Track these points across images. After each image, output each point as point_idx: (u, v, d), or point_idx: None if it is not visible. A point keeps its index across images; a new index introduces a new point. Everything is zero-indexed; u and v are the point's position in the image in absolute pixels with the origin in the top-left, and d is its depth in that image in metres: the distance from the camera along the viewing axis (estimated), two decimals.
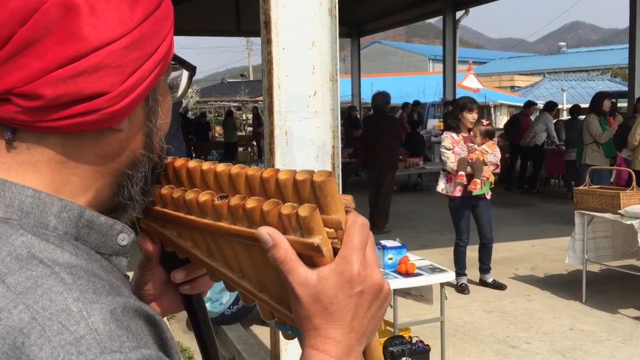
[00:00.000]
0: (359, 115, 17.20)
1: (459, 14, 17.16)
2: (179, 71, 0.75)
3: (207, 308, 0.88)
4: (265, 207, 0.65)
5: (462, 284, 6.42)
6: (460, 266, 6.45)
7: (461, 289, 6.38)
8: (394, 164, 9.54)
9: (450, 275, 4.49)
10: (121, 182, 0.68)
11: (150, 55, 0.64)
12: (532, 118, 13.69)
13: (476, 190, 6.05)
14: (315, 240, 0.63)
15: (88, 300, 0.54)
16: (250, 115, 19.66)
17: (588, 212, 5.87)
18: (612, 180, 9.48)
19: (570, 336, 5.27)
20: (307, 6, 2.85)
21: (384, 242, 4.54)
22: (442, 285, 4.43)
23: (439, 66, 26.10)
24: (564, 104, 23.02)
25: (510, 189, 13.40)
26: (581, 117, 11.13)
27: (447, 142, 6.25)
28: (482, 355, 4.91)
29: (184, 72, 0.76)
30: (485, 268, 6.60)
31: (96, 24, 0.58)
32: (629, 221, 5.46)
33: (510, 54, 58.62)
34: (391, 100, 9.44)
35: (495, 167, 6.27)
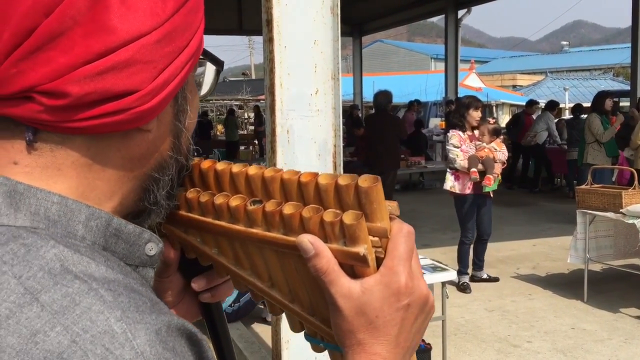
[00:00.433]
0: (360, 114, 17.19)
1: (461, 12, 17.14)
2: (203, 67, 0.70)
3: None
4: (306, 214, 0.61)
5: (464, 282, 6.42)
6: (464, 264, 6.46)
7: (463, 288, 6.39)
8: (396, 163, 9.54)
9: (451, 274, 4.49)
10: (147, 186, 0.63)
11: (182, 50, 0.59)
12: (534, 117, 13.69)
13: (490, 185, 6.12)
14: (361, 249, 0.59)
15: (131, 319, 0.49)
16: (252, 114, 19.65)
17: (590, 211, 5.87)
18: (614, 179, 9.47)
19: (571, 335, 5.27)
20: (309, 5, 2.85)
21: None
22: (444, 284, 4.43)
23: (440, 65, 26.11)
24: (566, 103, 23.00)
25: (512, 188, 13.39)
26: (583, 117, 11.12)
27: (455, 140, 6.27)
28: (484, 354, 4.91)
29: (209, 67, 0.70)
30: (480, 265, 6.64)
31: (126, 15, 0.54)
32: (630, 220, 5.46)
33: (512, 53, 58.62)
34: (393, 99, 9.44)
35: (503, 165, 6.35)
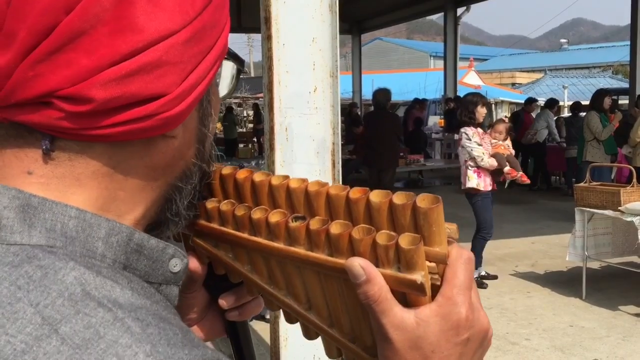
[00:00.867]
0: (359, 112, 17.19)
1: (460, 10, 17.15)
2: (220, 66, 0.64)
3: None
4: (356, 235, 0.56)
5: (483, 276, 6.54)
6: (480, 261, 6.53)
7: (480, 283, 6.47)
8: (395, 161, 9.55)
9: None
10: (170, 196, 0.59)
11: (210, 50, 0.54)
12: (534, 115, 13.69)
13: (528, 181, 6.36)
14: (418, 277, 0.53)
15: (162, 355, 0.44)
16: (251, 112, 19.65)
17: (588, 209, 5.88)
18: (613, 177, 9.48)
19: (570, 333, 5.28)
20: (308, 2, 2.84)
21: None
22: None
23: (440, 63, 26.12)
24: (565, 101, 23.02)
25: (511, 186, 13.39)
26: (582, 114, 11.13)
27: (477, 138, 6.29)
28: None
29: (226, 66, 0.65)
30: (480, 261, 6.70)
31: (154, 12, 0.49)
32: (629, 218, 5.46)
33: (511, 51, 58.66)
34: (392, 97, 9.45)
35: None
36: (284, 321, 0.72)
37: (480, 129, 6.39)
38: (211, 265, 0.71)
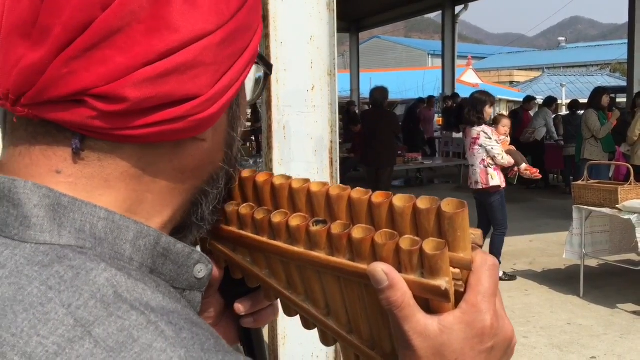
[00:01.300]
0: (357, 111, 17.18)
1: (458, 8, 17.16)
2: None
3: None
4: (379, 239, 0.55)
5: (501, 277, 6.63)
6: (499, 259, 6.61)
7: (512, 276, 6.65)
8: (392, 159, 9.55)
9: None
10: (197, 200, 0.57)
11: (243, 52, 0.53)
12: (532, 113, 13.70)
13: (540, 176, 6.63)
14: (442, 283, 0.52)
15: None
16: (248, 110, 19.65)
17: (586, 207, 5.88)
18: (611, 175, 9.49)
19: (567, 330, 5.29)
20: (306, 1, 2.84)
21: None
22: None
23: (438, 61, 26.10)
24: (563, 99, 23.03)
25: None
26: (580, 113, 11.14)
27: (496, 137, 6.33)
28: None
29: (255, 69, 0.63)
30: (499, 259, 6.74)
31: (190, 12, 0.48)
32: (626, 216, 5.47)
33: (509, 49, 58.70)
34: (390, 96, 9.46)
35: None
36: (282, 320, 0.71)
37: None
38: (227, 270, 0.70)
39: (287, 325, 2.89)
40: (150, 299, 0.46)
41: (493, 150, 6.21)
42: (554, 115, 13.82)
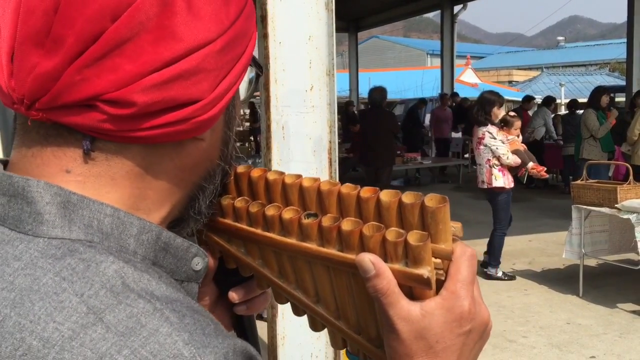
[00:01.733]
0: (356, 111, 17.19)
1: (456, 8, 17.15)
2: None
3: None
4: (366, 231, 0.59)
5: (504, 273, 6.70)
6: (499, 257, 6.65)
7: (510, 277, 6.65)
8: (391, 159, 9.55)
9: None
10: (195, 195, 0.62)
11: (239, 57, 0.58)
12: (531, 113, 13.70)
13: (547, 175, 6.73)
14: (425, 272, 0.56)
15: (199, 343, 0.47)
16: (247, 111, 19.66)
17: (585, 207, 5.88)
18: (611, 174, 9.49)
19: (567, 330, 5.29)
20: (304, 1, 2.84)
21: None
22: None
23: (437, 61, 26.13)
24: (562, 98, 23.03)
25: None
26: (579, 112, 11.14)
27: (503, 137, 6.37)
28: None
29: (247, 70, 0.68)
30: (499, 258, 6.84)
31: (193, 22, 0.52)
32: (625, 215, 5.47)
33: (508, 49, 58.73)
34: (389, 95, 9.45)
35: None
36: (282, 320, 0.73)
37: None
38: (221, 261, 0.73)
39: (287, 326, 2.89)
40: (154, 289, 0.50)
41: (498, 150, 6.26)
42: (553, 115, 13.83)
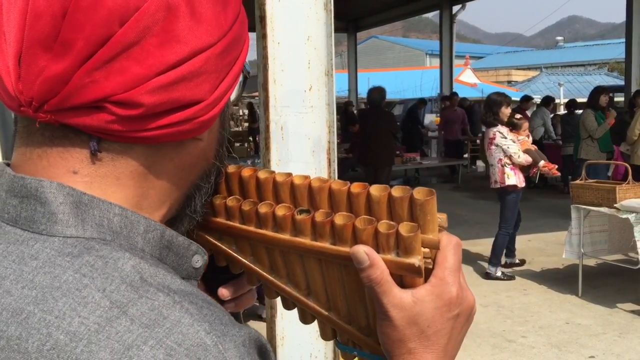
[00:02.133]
0: (355, 111, 17.19)
1: (455, 8, 17.14)
2: None
3: None
4: (359, 225, 0.61)
5: (504, 273, 6.72)
6: (500, 256, 6.71)
7: (509, 277, 6.66)
8: (390, 159, 9.55)
9: None
10: (191, 194, 0.64)
11: (236, 59, 0.60)
12: (529, 113, 13.69)
13: (558, 173, 6.86)
14: (415, 260, 0.59)
15: (219, 332, 0.49)
16: (245, 111, 19.66)
17: (584, 207, 5.88)
18: (610, 174, 9.49)
19: (566, 330, 5.29)
20: (303, 1, 2.84)
21: None
22: None
23: (436, 61, 26.15)
24: (561, 98, 23.05)
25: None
26: (578, 112, 11.14)
27: (513, 136, 6.49)
28: (479, 349, 4.92)
29: None
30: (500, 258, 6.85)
31: (196, 26, 0.54)
32: (624, 215, 5.47)
33: (507, 49, 58.78)
34: (388, 95, 9.45)
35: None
36: (281, 320, 0.74)
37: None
38: (210, 260, 0.73)
39: (286, 326, 2.89)
40: (170, 283, 0.52)
41: (509, 150, 6.37)
42: (551, 115, 13.82)
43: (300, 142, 2.91)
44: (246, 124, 20.15)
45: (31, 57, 0.51)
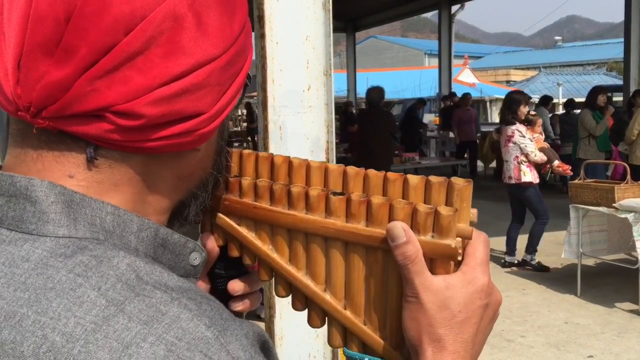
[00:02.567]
0: (354, 111, 17.19)
1: (454, 8, 17.15)
2: None
3: None
4: (397, 204, 0.61)
5: (537, 263, 6.91)
6: (536, 247, 6.92)
7: (541, 268, 6.86)
8: (389, 159, 9.54)
9: None
10: (187, 202, 0.63)
11: (239, 72, 0.59)
12: None
13: (571, 173, 7.07)
14: (452, 242, 0.59)
15: (220, 326, 0.48)
16: (244, 111, 19.67)
17: (583, 206, 5.88)
18: (609, 174, 9.50)
19: (565, 330, 5.29)
20: (301, 1, 2.84)
21: None
22: None
23: (434, 61, 26.15)
24: (560, 98, 23.05)
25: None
26: (576, 112, 11.15)
27: (530, 135, 6.68)
28: None
29: None
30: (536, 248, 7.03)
31: (201, 38, 0.53)
32: (623, 215, 5.48)
33: (506, 49, 58.81)
34: (386, 95, 9.45)
35: None
36: (280, 320, 0.72)
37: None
38: (220, 256, 0.72)
39: (284, 326, 2.89)
40: (167, 280, 0.51)
41: (527, 148, 6.56)
42: (550, 115, 13.83)
43: (299, 142, 2.91)
44: (244, 124, 20.13)
45: (31, 61, 0.50)
